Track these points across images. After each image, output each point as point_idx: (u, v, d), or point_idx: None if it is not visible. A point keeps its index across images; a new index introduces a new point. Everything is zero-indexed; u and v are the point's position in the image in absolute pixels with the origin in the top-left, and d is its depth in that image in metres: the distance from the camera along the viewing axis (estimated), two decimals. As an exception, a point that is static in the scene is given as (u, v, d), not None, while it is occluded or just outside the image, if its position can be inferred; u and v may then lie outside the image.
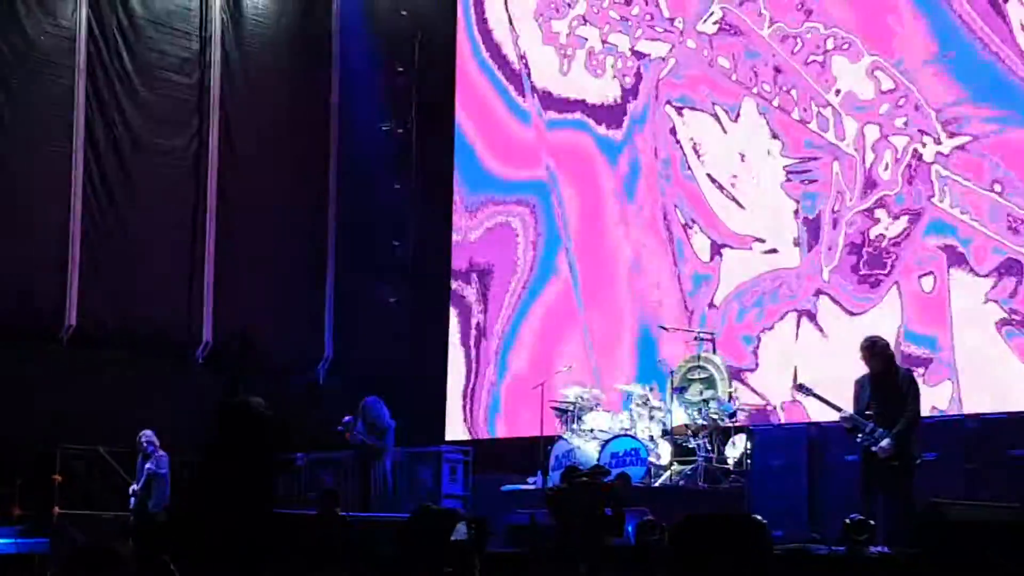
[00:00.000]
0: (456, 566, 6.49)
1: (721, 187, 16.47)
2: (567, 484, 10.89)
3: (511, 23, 18.95)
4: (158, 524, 14.44)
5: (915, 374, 11.53)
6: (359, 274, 19.66)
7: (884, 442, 11.09)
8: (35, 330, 16.92)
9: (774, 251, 15.96)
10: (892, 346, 11.89)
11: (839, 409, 11.52)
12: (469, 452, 16.73)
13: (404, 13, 20.17)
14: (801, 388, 12.21)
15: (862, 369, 11.49)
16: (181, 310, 18.08)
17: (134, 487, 15.55)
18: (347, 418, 15.13)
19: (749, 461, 14.22)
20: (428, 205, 19.83)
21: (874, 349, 11.35)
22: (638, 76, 17.45)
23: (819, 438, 13.52)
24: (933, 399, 13.84)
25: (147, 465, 15.44)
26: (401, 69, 20.10)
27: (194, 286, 18.15)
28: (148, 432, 15.58)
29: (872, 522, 10.69)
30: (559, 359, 17.25)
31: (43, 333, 16.97)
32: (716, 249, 16.48)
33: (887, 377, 11.26)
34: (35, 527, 15.23)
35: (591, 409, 15.46)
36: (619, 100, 17.65)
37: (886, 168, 14.99)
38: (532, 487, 15.24)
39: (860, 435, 11.24)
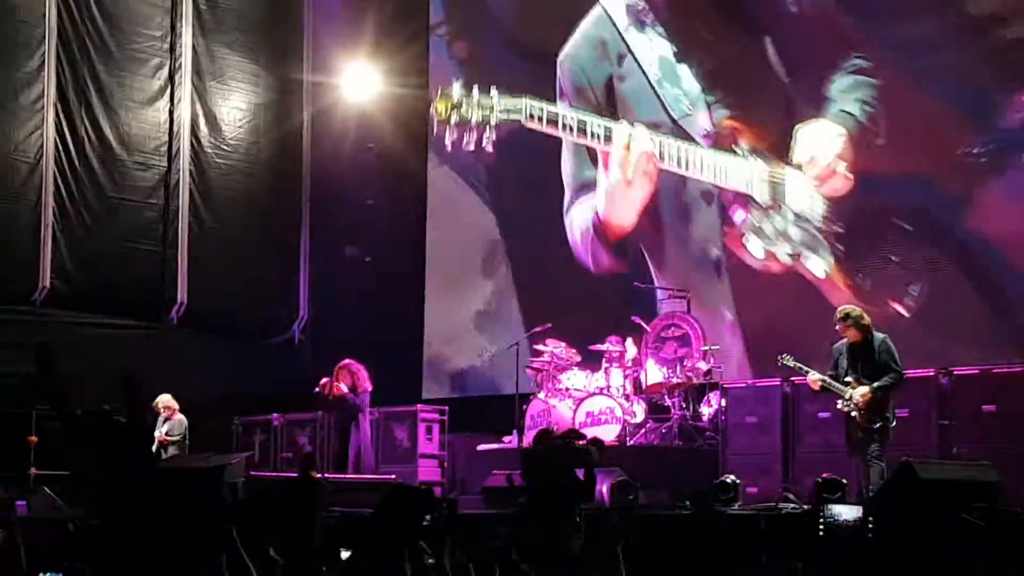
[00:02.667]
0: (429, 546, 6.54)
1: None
2: (542, 446, 10.90)
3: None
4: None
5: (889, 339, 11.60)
6: (334, 233, 19.61)
7: (861, 388, 11.16)
8: (9, 292, 16.85)
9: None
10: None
11: (809, 372, 11.60)
12: (445, 411, 16.75)
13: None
14: (783, 358, 12.27)
15: None
16: (155, 271, 18.03)
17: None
18: (324, 380, 15.13)
19: (724, 418, 14.28)
20: (403, 163, 19.73)
21: (849, 319, 11.44)
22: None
23: (793, 395, 13.59)
24: None
25: (155, 432, 15.48)
26: (374, 22, 19.93)
27: (168, 247, 18.09)
28: (165, 396, 15.67)
29: (844, 481, 10.81)
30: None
31: (17, 295, 16.90)
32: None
33: (863, 345, 11.36)
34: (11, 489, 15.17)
35: (566, 368, 15.49)
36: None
37: None
38: (508, 446, 15.27)
39: (840, 401, 11.34)
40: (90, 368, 16.54)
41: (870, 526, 8.67)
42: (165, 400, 15.71)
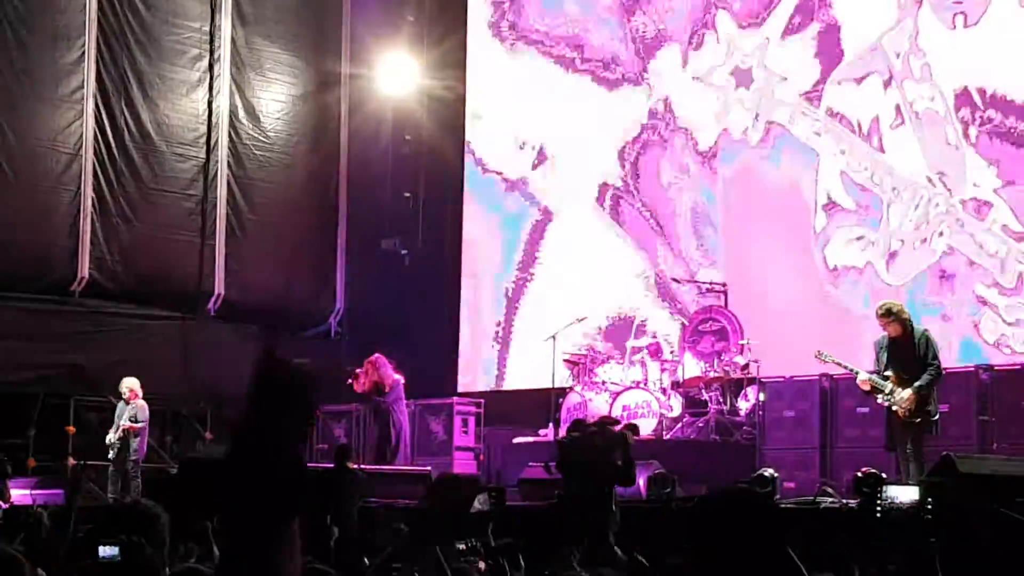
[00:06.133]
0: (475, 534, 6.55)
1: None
2: (579, 433, 10.91)
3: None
4: (170, 478, 14.46)
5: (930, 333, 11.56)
6: (370, 225, 19.63)
7: (905, 392, 11.12)
8: (48, 282, 16.94)
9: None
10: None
11: (858, 373, 11.56)
12: (481, 404, 16.74)
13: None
14: (821, 355, 12.24)
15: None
16: (193, 262, 18.08)
17: (110, 437, 15.09)
18: (358, 371, 15.16)
19: (761, 413, 14.22)
20: (439, 155, 19.72)
21: (890, 314, 11.41)
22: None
23: (831, 390, 13.54)
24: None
25: (118, 418, 15.04)
26: (412, 18, 19.93)
27: (206, 238, 18.14)
28: (130, 380, 15.18)
29: (884, 475, 10.74)
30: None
31: (56, 285, 16.99)
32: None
33: (904, 340, 11.32)
34: (50, 478, 15.28)
35: (603, 361, 15.47)
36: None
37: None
38: (544, 439, 15.26)
39: (880, 395, 11.30)
40: (128, 358, 16.62)
41: (928, 507, 8.60)
42: (130, 384, 15.11)
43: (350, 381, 15.26)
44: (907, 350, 11.32)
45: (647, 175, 17.21)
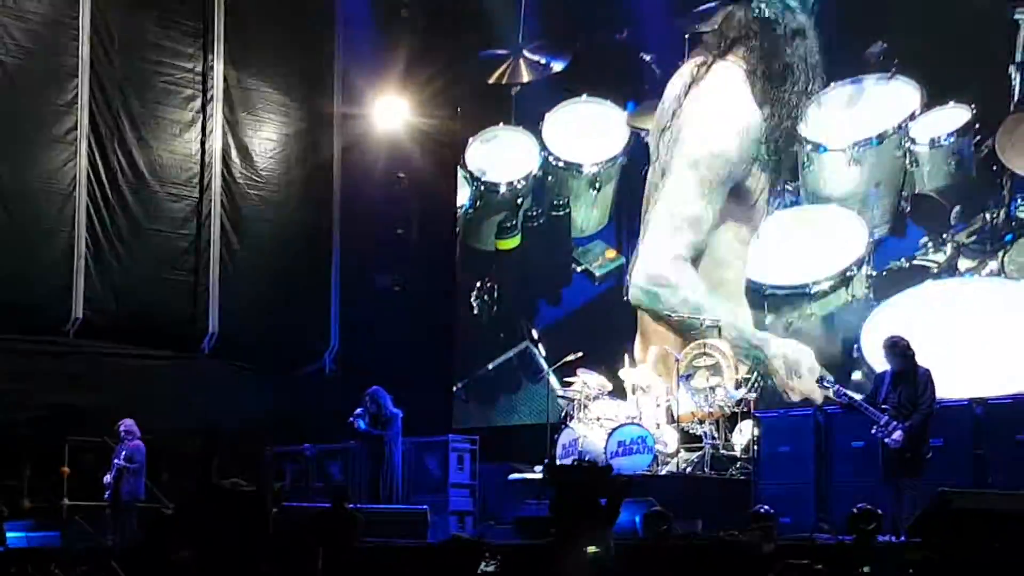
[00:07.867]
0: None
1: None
2: (563, 471, 10.88)
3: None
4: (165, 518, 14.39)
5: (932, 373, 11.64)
6: (364, 263, 19.64)
7: (896, 434, 11.23)
8: (42, 323, 16.93)
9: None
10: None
11: (857, 401, 11.63)
12: (476, 441, 16.72)
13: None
14: (822, 381, 12.28)
15: None
16: (187, 301, 18.09)
17: (107, 478, 15.25)
18: (359, 410, 15.15)
19: (756, 448, 14.22)
20: (432, 191, 19.76)
21: (895, 348, 11.52)
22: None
23: (826, 425, 13.54)
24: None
25: (114, 459, 15.18)
26: (403, 64, 19.99)
27: (200, 277, 18.15)
28: (127, 421, 15.31)
29: (880, 511, 10.75)
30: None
31: (50, 326, 16.98)
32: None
33: (907, 374, 11.43)
34: (45, 520, 15.25)
35: (597, 397, 15.46)
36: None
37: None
38: (539, 476, 15.23)
39: (875, 427, 11.39)
40: (122, 398, 16.61)
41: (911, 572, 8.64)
42: (127, 425, 15.27)
43: (351, 420, 15.24)
44: (908, 385, 11.43)
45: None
